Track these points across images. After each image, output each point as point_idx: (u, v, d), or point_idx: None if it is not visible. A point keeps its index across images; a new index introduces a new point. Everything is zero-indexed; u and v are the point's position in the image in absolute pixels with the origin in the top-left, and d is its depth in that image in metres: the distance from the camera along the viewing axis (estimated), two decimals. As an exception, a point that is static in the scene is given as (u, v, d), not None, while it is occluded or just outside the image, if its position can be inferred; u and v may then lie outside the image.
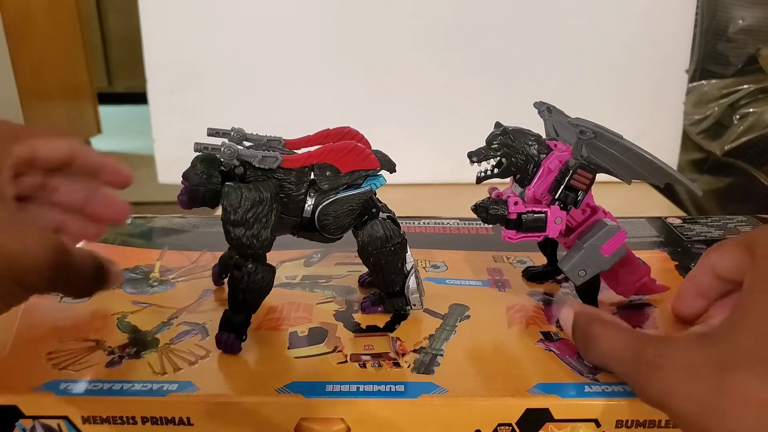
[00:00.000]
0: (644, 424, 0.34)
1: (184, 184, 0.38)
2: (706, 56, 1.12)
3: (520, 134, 0.40)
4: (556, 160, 0.40)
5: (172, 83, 0.90)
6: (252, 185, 0.36)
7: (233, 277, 0.37)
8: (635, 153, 0.38)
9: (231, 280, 0.37)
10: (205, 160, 0.38)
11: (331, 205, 0.39)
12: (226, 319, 0.38)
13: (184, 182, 0.38)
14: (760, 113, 1.03)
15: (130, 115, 2.55)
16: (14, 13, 1.62)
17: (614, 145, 0.38)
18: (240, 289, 0.37)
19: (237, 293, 0.37)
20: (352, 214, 0.40)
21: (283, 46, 0.88)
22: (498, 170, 0.40)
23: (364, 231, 0.39)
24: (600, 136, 0.38)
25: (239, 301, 0.37)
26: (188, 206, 0.38)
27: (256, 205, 0.36)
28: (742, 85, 1.08)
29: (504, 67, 0.88)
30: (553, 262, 0.47)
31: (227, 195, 0.36)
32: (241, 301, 0.37)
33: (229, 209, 0.36)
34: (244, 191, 0.36)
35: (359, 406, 0.34)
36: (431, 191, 0.85)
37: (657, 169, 0.39)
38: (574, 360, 0.37)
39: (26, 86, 1.50)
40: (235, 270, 0.37)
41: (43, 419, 0.34)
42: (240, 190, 0.36)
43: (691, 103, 1.10)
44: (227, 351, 0.38)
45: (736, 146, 1.04)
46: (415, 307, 0.42)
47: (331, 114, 0.88)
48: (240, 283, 0.37)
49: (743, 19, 1.08)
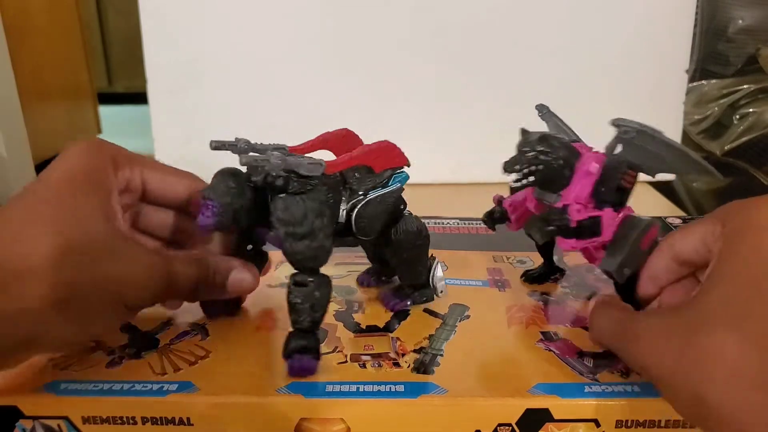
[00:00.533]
0: (644, 424, 0.34)
1: (209, 203, 0.34)
2: (706, 56, 1.12)
3: (553, 139, 0.39)
4: (593, 162, 0.38)
5: (172, 83, 0.90)
6: (307, 195, 0.34)
7: (299, 295, 0.34)
8: (670, 146, 0.38)
9: (297, 299, 0.34)
10: (231, 175, 0.36)
11: (366, 207, 0.38)
12: (297, 344, 0.35)
13: (209, 201, 0.35)
14: (760, 113, 1.03)
15: (130, 115, 2.54)
16: (14, 13, 1.62)
17: (651, 142, 0.38)
18: (310, 306, 0.34)
19: (306, 312, 0.34)
20: (387, 213, 0.39)
21: (283, 47, 0.88)
22: (534, 178, 0.38)
23: (398, 228, 0.39)
24: (641, 133, 0.38)
25: (312, 320, 0.35)
26: (216, 228, 0.35)
27: (319, 216, 0.34)
28: (742, 85, 1.08)
29: (504, 67, 0.88)
30: (550, 262, 0.47)
31: (287, 207, 0.34)
32: (312, 319, 0.35)
33: (294, 222, 0.34)
34: (307, 201, 0.34)
35: (359, 406, 0.34)
36: (431, 191, 0.85)
37: (687, 161, 0.39)
38: (574, 360, 0.37)
39: (26, 86, 1.49)
40: (299, 287, 0.34)
41: (43, 419, 0.34)
42: (302, 201, 0.34)
43: (691, 103, 1.10)
44: (306, 374, 0.35)
45: (736, 146, 1.04)
46: (443, 294, 0.44)
47: (331, 114, 0.88)
48: (310, 299, 0.34)
49: (743, 19, 1.08)
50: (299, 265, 0.35)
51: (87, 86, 2.16)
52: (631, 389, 0.34)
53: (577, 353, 0.38)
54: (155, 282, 0.33)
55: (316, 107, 0.89)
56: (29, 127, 1.41)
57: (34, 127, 1.61)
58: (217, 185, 0.35)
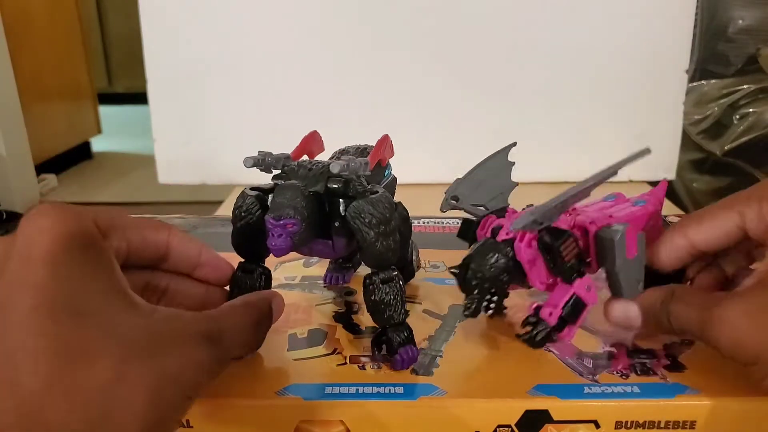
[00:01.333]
0: (644, 425, 0.34)
1: (285, 222, 0.33)
2: (706, 56, 1.12)
3: (484, 260, 0.35)
4: (526, 248, 0.35)
5: (172, 83, 0.90)
6: (376, 196, 0.35)
7: (390, 291, 0.35)
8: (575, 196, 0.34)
9: (388, 295, 0.35)
10: (293, 188, 0.34)
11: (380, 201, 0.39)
12: (401, 338, 0.36)
13: (285, 220, 0.33)
14: (760, 113, 1.03)
15: (130, 115, 2.55)
16: (14, 14, 1.62)
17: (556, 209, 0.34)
18: (401, 299, 0.35)
19: (399, 305, 0.35)
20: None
21: (283, 47, 0.88)
22: (497, 303, 0.36)
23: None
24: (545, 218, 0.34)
25: (405, 311, 0.36)
26: (294, 248, 0.34)
27: (393, 211, 0.35)
28: (742, 85, 1.08)
29: (503, 68, 0.88)
30: None
31: (374, 208, 0.34)
32: (405, 310, 0.36)
33: (384, 221, 0.34)
34: (382, 200, 0.34)
35: (358, 408, 0.34)
36: (431, 191, 0.85)
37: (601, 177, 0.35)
38: (574, 361, 0.37)
39: (26, 86, 1.49)
40: (388, 284, 0.35)
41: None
42: (383, 200, 0.34)
43: (691, 103, 1.10)
44: (413, 363, 0.36)
45: (736, 146, 1.04)
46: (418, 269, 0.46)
47: (330, 114, 0.89)
48: (400, 293, 0.35)
49: (743, 19, 1.08)
50: (386, 263, 0.35)
51: (87, 86, 2.17)
52: (631, 390, 0.34)
53: (576, 354, 0.38)
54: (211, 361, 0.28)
55: (316, 108, 0.89)
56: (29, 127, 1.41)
57: (34, 127, 1.61)
58: (287, 202, 0.33)
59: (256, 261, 0.37)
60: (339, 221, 0.35)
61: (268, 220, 0.33)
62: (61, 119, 1.97)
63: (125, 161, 2.17)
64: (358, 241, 0.35)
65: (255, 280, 0.37)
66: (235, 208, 0.36)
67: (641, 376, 0.35)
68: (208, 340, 0.28)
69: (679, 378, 0.35)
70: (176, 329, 0.27)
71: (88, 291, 0.25)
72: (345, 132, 0.45)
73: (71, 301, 0.24)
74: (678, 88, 0.90)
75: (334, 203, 0.35)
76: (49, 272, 0.24)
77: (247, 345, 0.33)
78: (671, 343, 0.39)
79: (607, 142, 0.88)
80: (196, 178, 0.93)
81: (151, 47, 0.89)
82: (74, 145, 2.09)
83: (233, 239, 0.36)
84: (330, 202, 0.35)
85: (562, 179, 0.88)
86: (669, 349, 0.38)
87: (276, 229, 0.33)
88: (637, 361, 0.37)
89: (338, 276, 0.47)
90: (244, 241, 0.36)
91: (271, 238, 0.33)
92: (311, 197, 0.34)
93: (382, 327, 0.36)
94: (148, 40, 0.89)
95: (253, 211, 0.35)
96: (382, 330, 0.36)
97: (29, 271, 0.24)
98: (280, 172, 0.36)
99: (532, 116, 0.88)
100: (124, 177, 1.97)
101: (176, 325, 0.27)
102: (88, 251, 0.26)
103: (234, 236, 0.36)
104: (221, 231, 0.58)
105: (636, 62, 0.88)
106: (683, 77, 0.90)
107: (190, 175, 0.93)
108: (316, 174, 0.35)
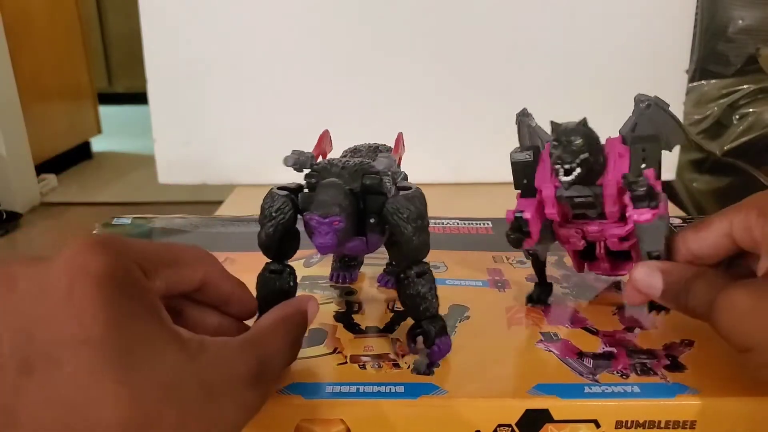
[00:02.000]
0: (644, 425, 0.34)
1: (335, 219, 0.33)
2: (706, 56, 1.12)
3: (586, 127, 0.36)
4: (619, 143, 0.38)
5: (172, 83, 0.90)
6: (411, 192, 0.35)
7: (426, 284, 0.36)
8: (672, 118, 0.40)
9: (424, 288, 0.36)
10: (336, 186, 0.34)
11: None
12: (437, 328, 0.36)
13: (334, 218, 0.33)
14: (760, 113, 1.03)
15: (130, 115, 2.55)
16: (14, 14, 1.62)
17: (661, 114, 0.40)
18: (435, 291, 0.36)
19: (434, 297, 0.36)
20: None
21: (283, 47, 0.88)
22: (581, 170, 0.35)
23: None
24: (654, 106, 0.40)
25: (438, 302, 0.37)
26: (338, 246, 0.34)
27: (426, 207, 0.36)
28: (742, 85, 1.08)
29: (503, 68, 0.88)
30: (544, 279, 0.44)
31: (411, 203, 0.34)
32: (438, 302, 0.37)
33: (421, 216, 0.35)
34: (417, 196, 0.35)
35: (359, 407, 0.34)
36: (431, 191, 0.85)
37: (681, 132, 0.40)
38: (574, 361, 0.37)
39: (26, 86, 1.49)
40: (422, 277, 0.36)
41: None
42: (414, 197, 0.35)
43: (691, 103, 1.10)
44: (447, 352, 0.37)
45: (735, 146, 1.04)
46: None
47: (330, 114, 0.89)
48: (434, 285, 0.36)
49: (743, 19, 1.08)
50: (421, 256, 0.36)
51: (87, 86, 2.17)
52: (631, 390, 0.34)
53: (577, 354, 0.38)
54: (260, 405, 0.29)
55: (315, 107, 0.89)
56: (29, 127, 1.41)
57: (34, 127, 1.61)
58: (332, 199, 0.33)
59: (284, 261, 0.37)
60: (375, 218, 0.35)
61: (313, 218, 0.33)
62: (61, 119, 1.97)
63: (125, 161, 2.17)
64: (395, 237, 0.35)
65: (285, 281, 0.37)
66: (265, 209, 0.36)
67: (641, 376, 0.35)
68: (256, 380, 0.28)
69: (679, 378, 0.35)
70: (226, 376, 0.27)
71: (138, 340, 0.24)
72: (345, 132, 0.45)
73: (124, 353, 0.23)
74: (678, 88, 0.90)
75: (370, 200, 0.35)
76: (97, 321, 0.23)
77: (286, 365, 0.33)
78: (671, 344, 0.39)
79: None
80: (196, 178, 0.93)
81: (151, 47, 0.89)
82: (74, 145, 2.09)
83: (263, 240, 0.36)
84: (364, 199, 0.35)
85: (562, 179, 0.87)
86: (669, 349, 0.38)
87: (322, 227, 0.33)
88: (638, 361, 0.37)
89: (345, 275, 0.47)
90: (276, 242, 0.36)
91: (318, 236, 0.33)
92: (351, 195, 0.35)
93: (417, 320, 0.37)
94: (148, 40, 0.89)
95: (285, 210, 0.35)
96: (417, 323, 0.37)
97: (75, 320, 0.23)
98: (311, 171, 0.36)
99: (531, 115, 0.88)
100: (124, 177, 1.97)
101: (225, 371, 0.27)
102: (133, 294, 0.25)
103: (264, 237, 0.36)
104: (221, 231, 0.58)
105: (636, 62, 0.88)
106: (683, 77, 0.90)
107: (190, 175, 0.93)
108: (351, 172, 0.35)
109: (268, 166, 0.91)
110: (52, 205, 1.60)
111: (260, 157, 0.90)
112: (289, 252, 0.38)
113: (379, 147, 0.43)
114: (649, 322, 0.41)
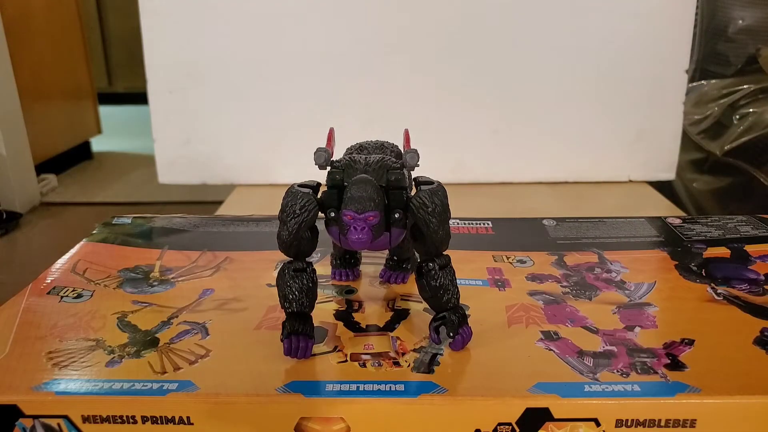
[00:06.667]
0: (644, 424, 0.34)
1: (370, 215, 0.34)
2: (706, 56, 1.12)
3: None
4: None
5: (172, 83, 0.90)
6: (433, 186, 0.36)
7: (448, 275, 0.37)
8: None
9: (446, 279, 0.37)
10: (369, 182, 0.35)
11: None
12: (461, 317, 0.38)
13: (369, 213, 0.34)
14: (760, 113, 1.03)
15: (130, 115, 2.55)
16: (14, 13, 1.62)
17: None
18: (455, 282, 0.38)
19: (456, 286, 0.38)
20: None
21: (283, 47, 0.88)
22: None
23: None
24: None
25: (458, 293, 0.38)
26: (374, 239, 0.35)
27: (447, 200, 0.37)
28: (742, 85, 1.08)
29: (504, 68, 0.88)
30: None
31: (435, 196, 0.35)
32: (458, 292, 0.38)
33: (445, 208, 0.36)
34: (439, 190, 0.36)
35: (359, 406, 0.34)
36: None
37: None
38: (574, 359, 0.37)
39: (26, 86, 1.49)
40: (445, 269, 0.37)
41: (43, 418, 0.34)
42: (437, 191, 0.36)
43: (691, 103, 1.10)
44: (469, 341, 0.38)
45: (735, 146, 1.04)
46: None
47: (330, 114, 0.88)
48: (454, 276, 0.38)
49: (743, 19, 1.08)
50: (443, 248, 0.37)
51: (87, 86, 2.16)
52: (631, 389, 0.34)
53: (577, 352, 0.38)
54: None
55: (315, 108, 0.88)
56: (29, 127, 1.40)
57: (34, 127, 1.61)
58: (367, 195, 0.34)
59: (305, 259, 0.38)
60: (399, 213, 0.36)
61: (348, 214, 0.33)
62: (61, 119, 1.96)
63: (125, 161, 2.16)
64: (421, 230, 0.36)
65: (309, 278, 0.37)
66: (288, 206, 0.35)
67: (642, 374, 0.36)
68: None
69: (679, 377, 0.35)
70: None
71: None
72: (345, 132, 0.45)
73: None
74: (678, 88, 0.90)
75: (394, 195, 0.35)
76: None
77: None
78: (671, 343, 0.39)
79: (608, 142, 0.88)
80: (196, 178, 0.93)
81: (151, 47, 0.89)
82: (74, 145, 2.09)
83: (285, 237, 0.35)
84: (387, 195, 0.35)
85: (562, 179, 0.88)
86: (669, 348, 0.38)
87: (358, 223, 0.33)
88: (638, 359, 0.37)
89: (347, 272, 0.47)
90: (299, 239, 0.36)
91: (353, 232, 0.33)
92: (381, 190, 0.35)
93: (440, 311, 0.38)
94: (148, 40, 0.89)
95: (310, 208, 0.35)
96: (438, 314, 0.38)
97: None
98: (333, 168, 0.36)
99: (532, 116, 0.88)
100: (124, 177, 1.97)
101: None
102: None
103: (286, 235, 0.35)
104: (222, 231, 0.58)
105: (636, 62, 0.88)
106: (683, 77, 0.90)
107: (190, 175, 0.93)
108: (376, 168, 0.35)
109: (268, 166, 0.91)
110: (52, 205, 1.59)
111: (260, 157, 0.90)
112: (309, 250, 0.38)
113: (384, 144, 0.43)
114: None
